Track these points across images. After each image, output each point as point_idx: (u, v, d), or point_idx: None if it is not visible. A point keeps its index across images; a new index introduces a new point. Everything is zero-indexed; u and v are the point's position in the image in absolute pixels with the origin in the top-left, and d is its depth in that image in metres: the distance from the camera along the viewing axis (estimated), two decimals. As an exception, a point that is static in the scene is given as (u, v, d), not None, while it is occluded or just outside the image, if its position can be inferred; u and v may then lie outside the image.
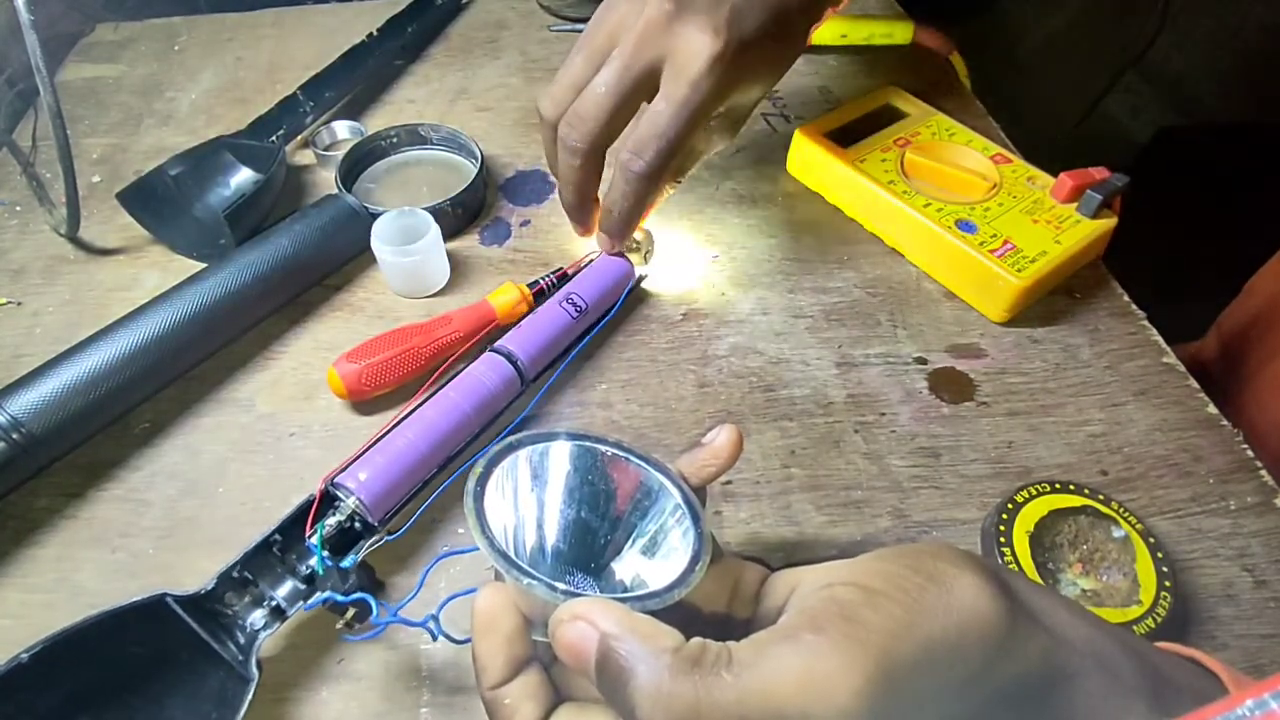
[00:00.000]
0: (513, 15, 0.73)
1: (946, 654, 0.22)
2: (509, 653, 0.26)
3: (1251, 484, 0.40)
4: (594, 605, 0.23)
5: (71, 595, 0.36)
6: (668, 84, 0.40)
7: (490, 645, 0.26)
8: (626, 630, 0.22)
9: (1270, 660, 0.34)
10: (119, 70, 0.67)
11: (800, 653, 0.21)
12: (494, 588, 0.27)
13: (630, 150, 0.41)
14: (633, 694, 0.21)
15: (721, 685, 0.21)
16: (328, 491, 0.34)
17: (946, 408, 0.43)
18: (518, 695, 0.26)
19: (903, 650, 0.22)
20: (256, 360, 0.46)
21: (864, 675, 0.21)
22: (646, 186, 0.42)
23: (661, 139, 0.40)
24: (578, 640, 0.23)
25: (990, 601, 0.23)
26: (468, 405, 0.38)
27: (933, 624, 0.22)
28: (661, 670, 0.21)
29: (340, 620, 0.31)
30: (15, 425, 0.37)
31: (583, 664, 0.23)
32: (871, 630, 0.22)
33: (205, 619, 0.31)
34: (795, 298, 0.49)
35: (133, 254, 0.52)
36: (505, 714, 0.26)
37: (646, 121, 0.40)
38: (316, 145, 0.59)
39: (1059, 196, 0.49)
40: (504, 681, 0.26)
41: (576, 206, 0.45)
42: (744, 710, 0.21)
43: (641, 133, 0.40)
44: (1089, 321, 0.48)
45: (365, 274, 0.50)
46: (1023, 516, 0.36)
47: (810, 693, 0.20)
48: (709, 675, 0.21)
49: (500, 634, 0.26)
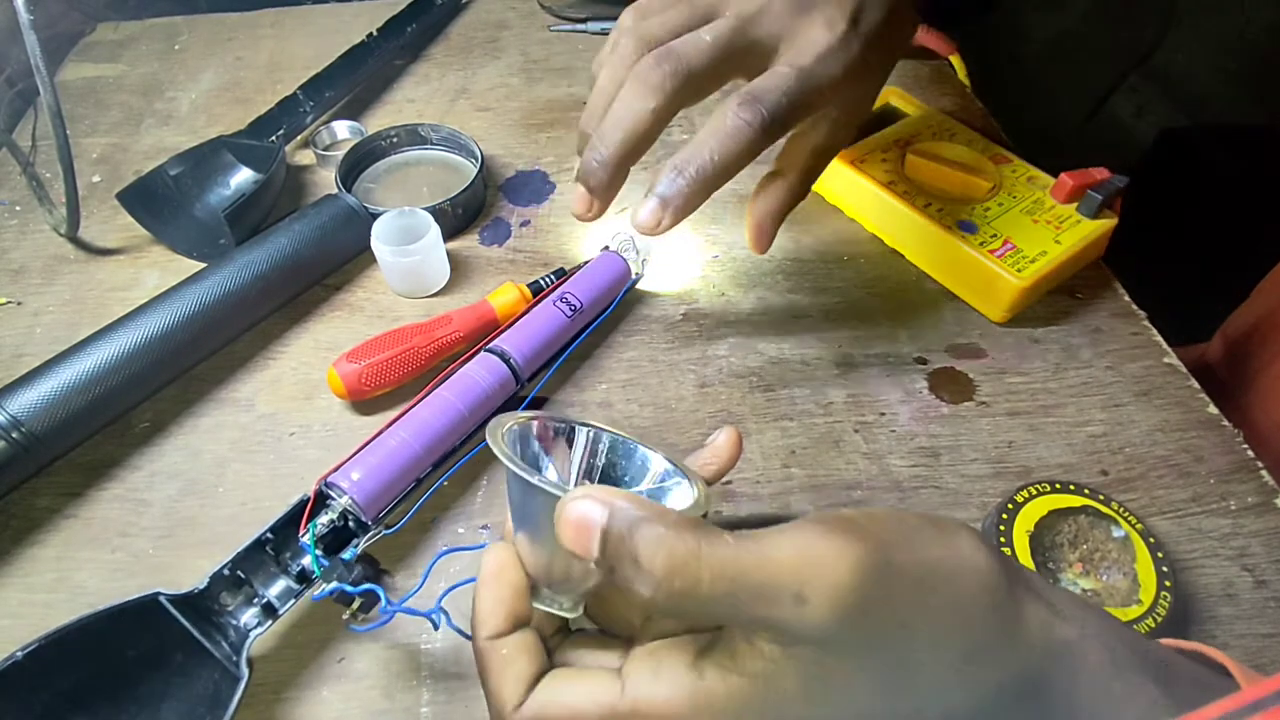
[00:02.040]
0: (513, 15, 0.73)
1: (944, 588, 0.22)
2: (510, 606, 0.26)
3: (1251, 484, 0.40)
4: (604, 488, 0.23)
5: (71, 595, 0.36)
6: (790, 54, 0.36)
7: (493, 596, 0.26)
8: (634, 503, 0.22)
9: (1270, 660, 0.34)
10: (119, 70, 0.67)
11: (802, 531, 0.22)
12: (502, 545, 0.27)
13: (746, 95, 0.34)
14: (636, 544, 0.22)
15: (723, 543, 0.21)
16: (322, 491, 0.34)
17: (946, 408, 0.43)
18: (515, 647, 0.26)
19: (901, 558, 0.22)
20: (256, 360, 0.46)
21: (861, 558, 0.21)
22: (746, 144, 0.34)
23: (783, 93, 0.34)
24: (586, 512, 0.22)
25: (987, 558, 0.23)
26: (462, 405, 0.38)
27: (930, 551, 0.23)
28: (666, 525, 0.22)
29: (347, 611, 0.31)
30: (15, 425, 0.37)
31: (588, 537, 0.22)
32: (873, 531, 0.22)
33: (198, 618, 0.31)
34: (795, 298, 0.49)
35: (133, 254, 0.52)
36: (498, 664, 0.26)
37: (768, 75, 0.35)
38: (316, 145, 0.59)
39: (1059, 197, 0.49)
40: (502, 633, 0.26)
41: (616, 160, 0.36)
42: (741, 567, 0.21)
43: (761, 82, 0.35)
44: (1090, 322, 0.48)
45: (365, 274, 0.50)
46: (1023, 516, 0.36)
47: (808, 565, 0.21)
48: (712, 535, 0.22)
49: (504, 586, 0.27)
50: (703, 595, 0.21)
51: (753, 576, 0.21)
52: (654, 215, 0.35)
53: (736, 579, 0.21)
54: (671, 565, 0.21)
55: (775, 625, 0.21)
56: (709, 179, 0.35)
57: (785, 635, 0.22)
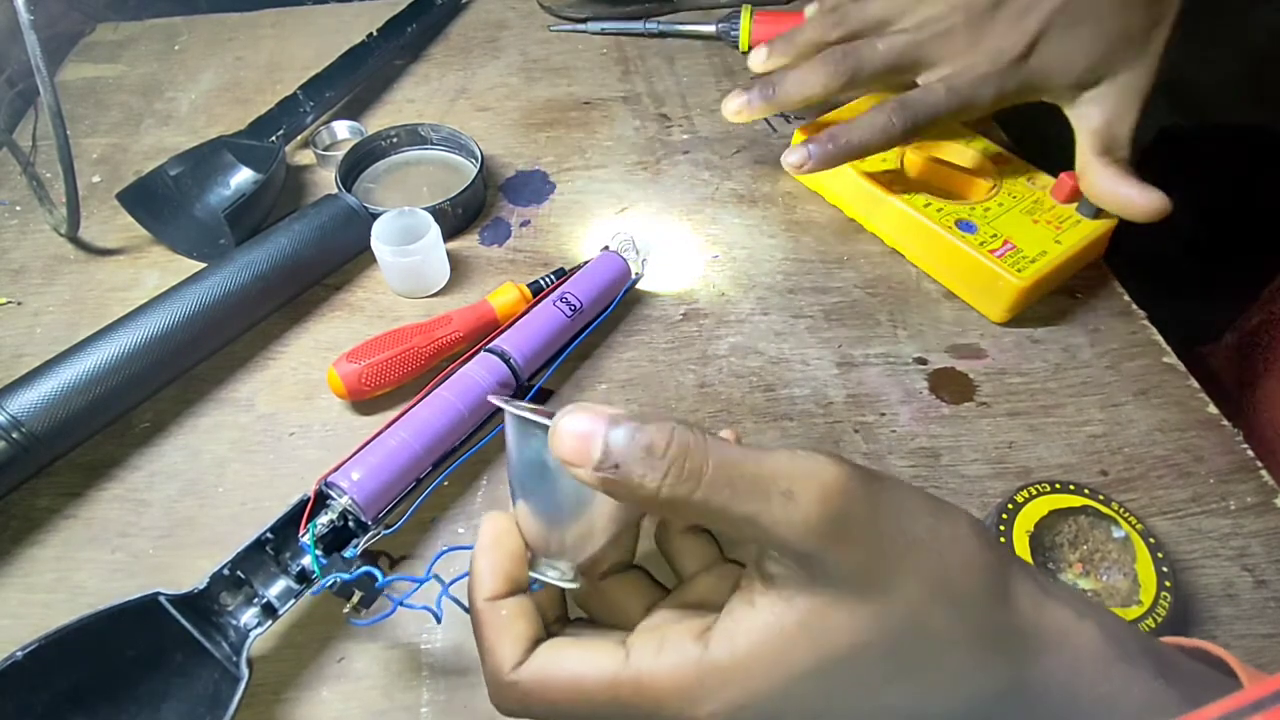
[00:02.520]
0: (513, 15, 0.73)
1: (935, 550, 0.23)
2: (509, 570, 0.27)
3: (1251, 484, 0.40)
4: (596, 405, 0.24)
5: (71, 595, 0.36)
6: (950, 73, 0.45)
7: (491, 560, 0.27)
8: (634, 415, 0.23)
9: (1270, 660, 0.34)
10: (119, 70, 0.67)
11: (802, 449, 0.23)
12: (500, 514, 0.28)
13: (902, 102, 0.45)
14: (649, 432, 0.22)
15: (724, 440, 0.23)
16: (322, 491, 0.34)
17: (946, 408, 0.43)
18: (513, 610, 0.26)
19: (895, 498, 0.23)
20: (256, 360, 0.46)
21: (851, 473, 0.22)
22: (885, 140, 0.45)
23: (931, 109, 0.44)
24: (588, 420, 0.23)
25: (984, 538, 0.24)
26: (462, 405, 0.38)
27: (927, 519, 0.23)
28: (669, 422, 0.23)
29: (347, 605, 0.31)
30: (15, 425, 0.37)
31: (589, 443, 0.22)
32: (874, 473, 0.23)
33: (198, 618, 0.31)
34: (795, 298, 0.49)
35: (133, 254, 0.52)
36: (498, 624, 0.26)
37: (926, 90, 0.44)
38: (316, 145, 0.59)
39: (1059, 196, 0.49)
40: (500, 596, 0.27)
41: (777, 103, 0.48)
42: (740, 460, 0.22)
43: (919, 95, 0.44)
44: (1089, 321, 0.48)
45: (365, 274, 0.50)
46: (1023, 516, 0.36)
47: (800, 469, 0.22)
48: (713, 434, 0.23)
49: (502, 551, 0.27)
50: (705, 483, 0.22)
51: (749, 468, 0.22)
52: (801, 159, 0.47)
53: (734, 470, 0.22)
54: (682, 449, 0.22)
55: (764, 527, 0.22)
56: (849, 152, 0.46)
57: (772, 540, 0.22)
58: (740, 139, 0.59)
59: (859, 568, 0.22)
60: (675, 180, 0.56)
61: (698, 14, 0.71)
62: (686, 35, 0.70)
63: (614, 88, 0.65)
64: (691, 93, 0.64)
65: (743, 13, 0.66)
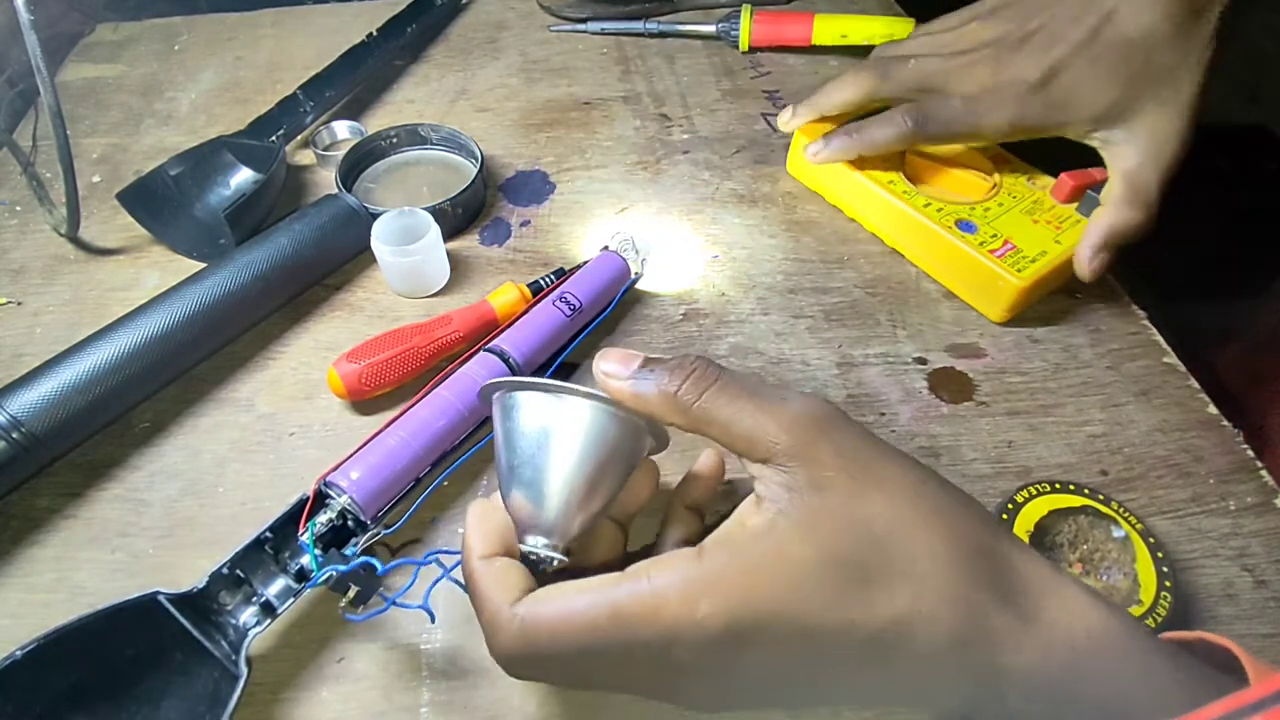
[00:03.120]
0: (513, 15, 0.73)
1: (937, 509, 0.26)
2: (500, 536, 0.29)
3: (1251, 484, 0.40)
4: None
5: (71, 595, 0.36)
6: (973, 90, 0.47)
7: (483, 529, 0.29)
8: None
9: (1271, 660, 0.34)
10: (119, 70, 0.67)
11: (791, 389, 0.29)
12: (484, 499, 0.30)
13: (917, 109, 0.47)
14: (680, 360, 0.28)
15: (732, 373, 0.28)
16: (321, 490, 0.34)
17: (946, 407, 0.43)
18: (506, 563, 0.28)
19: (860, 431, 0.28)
20: (256, 360, 0.46)
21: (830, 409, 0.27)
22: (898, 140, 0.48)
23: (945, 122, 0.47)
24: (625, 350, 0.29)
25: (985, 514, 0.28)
26: (462, 405, 0.38)
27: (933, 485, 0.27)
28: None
29: (343, 600, 0.31)
30: (15, 425, 0.37)
31: (628, 358, 0.29)
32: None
33: (197, 617, 0.31)
34: (795, 298, 0.49)
35: (133, 254, 0.52)
36: (494, 575, 0.27)
37: (946, 103, 0.47)
38: (316, 145, 0.59)
39: (1059, 196, 0.49)
40: (494, 554, 0.28)
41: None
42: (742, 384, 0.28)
43: (936, 105, 0.47)
44: (1089, 321, 0.48)
45: (365, 274, 0.50)
46: (1023, 516, 0.36)
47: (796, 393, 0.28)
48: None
49: (492, 523, 0.29)
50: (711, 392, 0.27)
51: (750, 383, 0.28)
52: (819, 148, 0.51)
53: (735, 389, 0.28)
54: (700, 364, 0.28)
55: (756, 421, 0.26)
56: (863, 146, 0.49)
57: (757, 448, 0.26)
58: (740, 139, 0.60)
59: (829, 483, 0.26)
60: (675, 180, 0.56)
61: (698, 14, 0.71)
62: (686, 35, 0.70)
63: (614, 88, 0.65)
64: (691, 93, 0.64)
65: (743, 13, 0.66)
